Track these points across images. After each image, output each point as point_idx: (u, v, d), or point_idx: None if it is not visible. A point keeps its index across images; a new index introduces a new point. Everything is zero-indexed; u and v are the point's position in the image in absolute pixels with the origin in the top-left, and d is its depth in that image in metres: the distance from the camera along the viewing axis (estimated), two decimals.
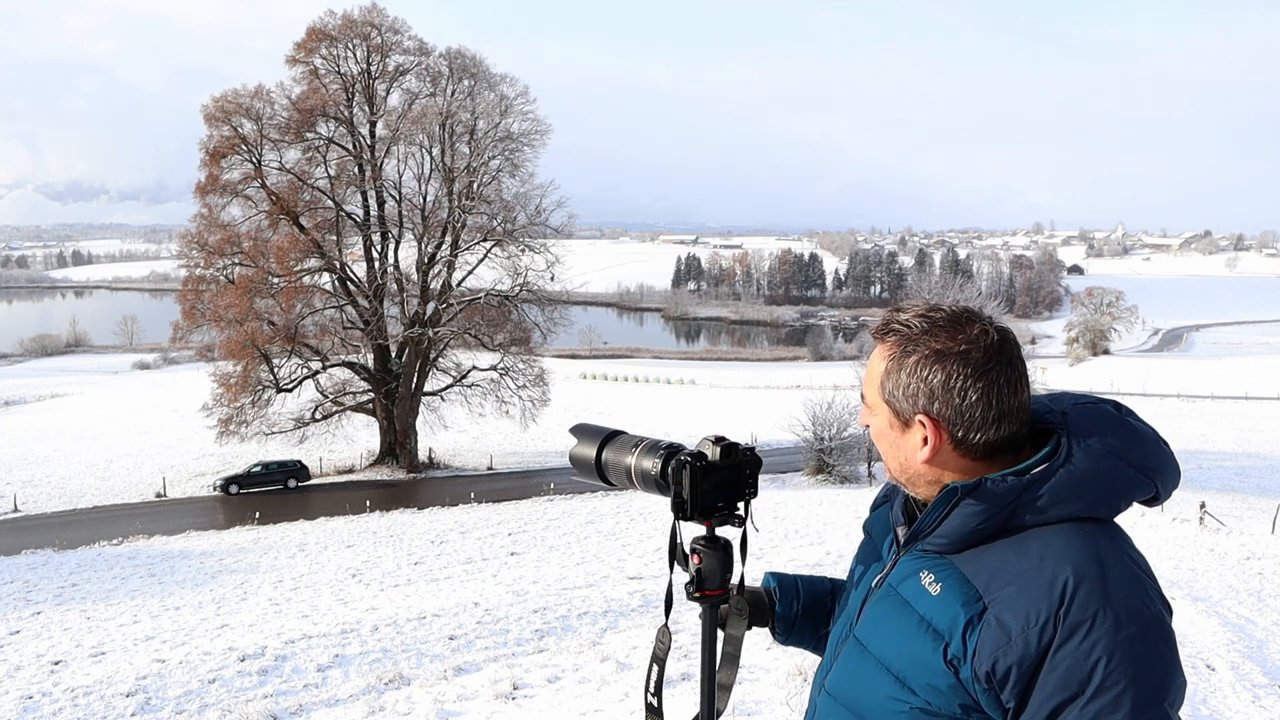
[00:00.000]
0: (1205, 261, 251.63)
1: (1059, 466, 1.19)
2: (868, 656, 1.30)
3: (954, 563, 1.23)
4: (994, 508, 1.19)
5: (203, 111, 33.90)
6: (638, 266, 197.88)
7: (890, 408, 1.27)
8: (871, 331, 1.32)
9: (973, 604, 1.17)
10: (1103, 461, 1.19)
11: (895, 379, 1.25)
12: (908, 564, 1.30)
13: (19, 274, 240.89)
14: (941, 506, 1.24)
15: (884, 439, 1.31)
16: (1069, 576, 1.11)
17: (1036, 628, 1.10)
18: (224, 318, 33.22)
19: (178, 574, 19.54)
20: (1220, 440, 41.51)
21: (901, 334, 1.25)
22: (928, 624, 1.21)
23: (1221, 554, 15.74)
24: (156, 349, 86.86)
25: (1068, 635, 1.09)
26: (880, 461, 9.31)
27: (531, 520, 24.67)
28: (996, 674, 1.13)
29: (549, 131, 37.19)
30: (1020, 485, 1.18)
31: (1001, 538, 1.20)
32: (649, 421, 43.39)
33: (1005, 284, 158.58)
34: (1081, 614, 1.08)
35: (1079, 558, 1.13)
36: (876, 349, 1.29)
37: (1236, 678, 7.01)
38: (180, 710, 8.11)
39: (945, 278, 77.38)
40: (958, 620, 1.17)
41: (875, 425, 1.31)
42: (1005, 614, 1.13)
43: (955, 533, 1.23)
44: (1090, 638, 1.08)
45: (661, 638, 1.44)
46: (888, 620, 1.28)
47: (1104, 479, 1.19)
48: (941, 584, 1.22)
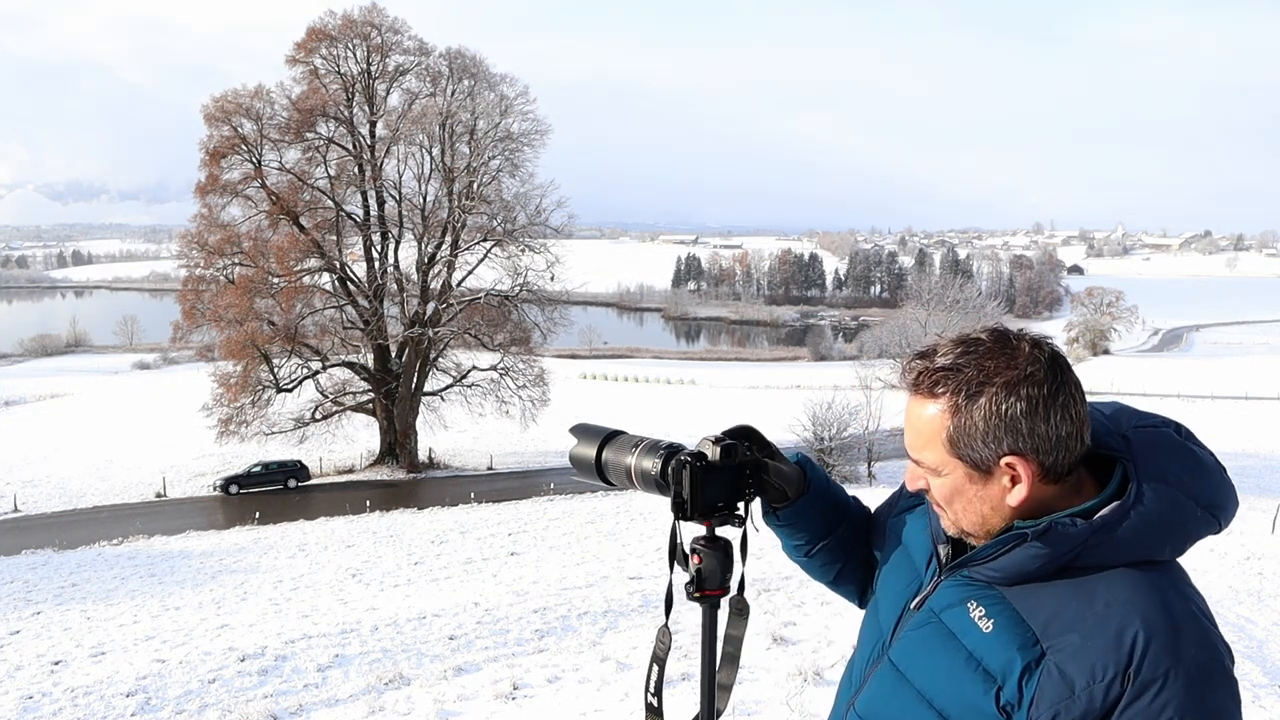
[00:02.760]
0: (1205, 261, 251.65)
1: (1129, 507, 1.11)
2: (905, 685, 1.24)
3: (1006, 597, 1.17)
4: (1059, 551, 1.12)
5: (203, 111, 33.91)
6: (638, 266, 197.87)
7: (966, 462, 1.16)
8: (909, 387, 1.19)
9: (1030, 648, 1.11)
10: (1173, 503, 1.12)
11: (968, 428, 1.13)
12: (952, 590, 1.24)
13: (19, 274, 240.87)
14: (1002, 545, 1.17)
15: (960, 497, 1.19)
16: (1139, 630, 1.05)
17: (1103, 684, 1.04)
18: (224, 318, 33.22)
19: (178, 574, 19.54)
20: (1220, 440, 41.41)
21: (955, 378, 1.14)
22: (978, 663, 1.15)
23: (1221, 554, 15.74)
24: (156, 349, 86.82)
25: (1138, 694, 1.03)
26: (880, 462, 9.33)
27: (531, 520, 24.66)
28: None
29: (549, 131, 37.24)
30: (1090, 529, 1.11)
31: (1060, 576, 1.14)
32: (649, 421, 43.37)
33: (1005, 284, 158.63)
34: (1153, 672, 1.03)
35: (1148, 608, 1.07)
36: (918, 403, 1.18)
37: (1237, 677, 7.01)
38: (180, 710, 8.11)
39: (945, 278, 77.40)
40: (1014, 664, 1.11)
41: (946, 485, 1.19)
42: (1068, 665, 1.07)
43: (1012, 569, 1.16)
44: (1161, 698, 1.03)
45: (662, 638, 1.42)
46: (931, 651, 1.22)
47: (1173, 524, 1.12)
48: (993, 620, 1.16)
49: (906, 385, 1.20)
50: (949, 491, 1.20)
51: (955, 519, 1.22)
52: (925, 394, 1.17)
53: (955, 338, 1.18)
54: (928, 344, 1.23)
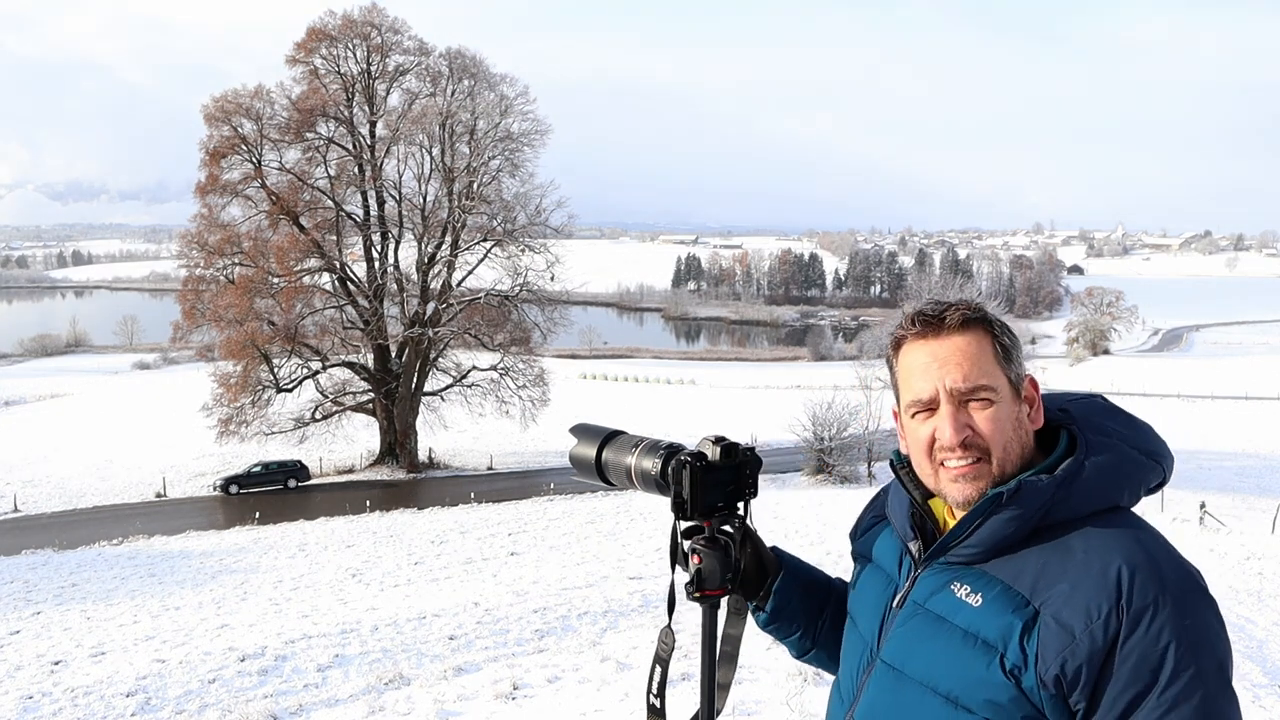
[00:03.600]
0: (1205, 261, 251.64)
1: (1085, 459, 1.20)
2: (904, 680, 1.25)
3: (987, 571, 1.21)
4: (1031, 509, 1.18)
5: (203, 111, 33.92)
6: (638, 266, 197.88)
7: (1012, 384, 1.25)
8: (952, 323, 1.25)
9: (1023, 609, 1.15)
10: (1120, 452, 1.22)
11: (1010, 345, 1.26)
12: (931, 579, 1.27)
13: (19, 274, 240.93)
14: (979, 515, 1.21)
15: (1010, 421, 1.24)
16: (1121, 565, 1.11)
17: (1101, 621, 1.09)
18: (224, 318, 33.23)
19: (178, 574, 19.54)
20: (1220, 440, 41.48)
21: (984, 313, 1.27)
22: (975, 637, 1.18)
23: (1221, 554, 15.75)
24: (156, 349, 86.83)
25: (1134, 623, 1.08)
26: (881, 462, 9.33)
27: (531, 520, 24.66)
28: (1066, 675, 1.10)
29: (549, 131, 37.24)
30: (1055, 481, 1.19)
31: (1033, 542, 1.19)
32: (649, 421, 43.36)
33: (1005, 284, 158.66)
34: (1144, 600, 1.08)
35: (1125, 546, 1.13)
36: (959, 340, 1.24)
37: (1236, 677, 7.01)
38: (180, 710, 8.11)
39: (945, 278, 77.49)
40: (1012, 628, 1.15)
41: (999, 412, 1.23)
42: (1063, 613, 1.12)
43: (989, 540, 1.20)
44: (1156, 622, 1.08)
45: (665, 639, 1.42)
46: (924, 640, 1.24)
47: (1125, 469, 1.21)
48: (981, 594, 1.19)
49: (948, 325, 1.25)
50: (1001, 418, 1.24)
51: (1002, 455, 1.23)
52: (968, 327, 1.25)
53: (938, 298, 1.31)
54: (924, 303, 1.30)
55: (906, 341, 1.29)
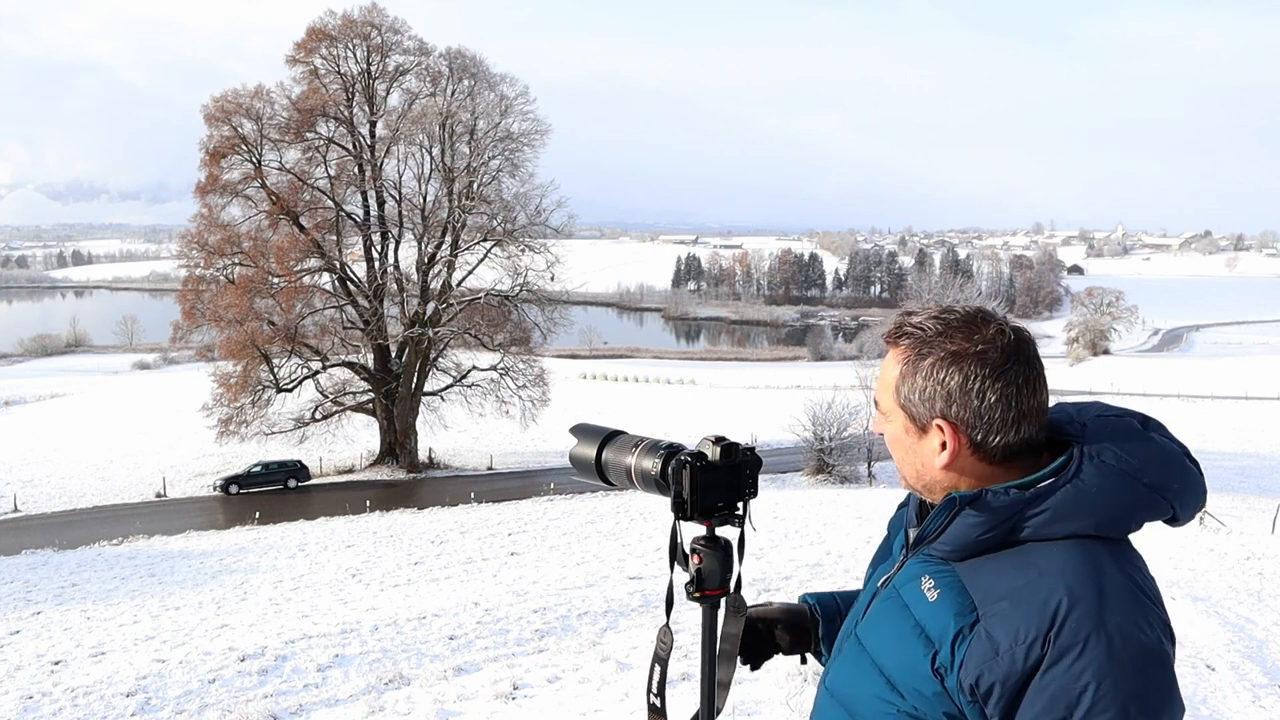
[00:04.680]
0: (1205, 261, 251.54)
1: (1066, 482, 1.15)
2: (864, 655, 1.29)
3: (956, 571, 1.22)
4: (994, 520, 1.16)
5: (203, 111, 33.92)
6: (638, 266, 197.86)
7: (906, 413, 1.24)
8: (884, 336, 1.29)
9: (966, 614, 1.15)
10: (1113, 479, 1.15)
11: (911, 383, 1.22)
12: (913, 567, 1.29)
13: (19, 274, 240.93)
14: (943, 515, 1.22)
15: (899, 445, 1.28)
16: (1063, 597, 1.08)
17: (1024, 645, 1.08)
18: (224, 318, 33.22)
19: (178, 574, 19.54)
20: (1220, 440, 41.49)
21: (915, 337, 1.22)
22: (921, 629, 1.20)
23: (1221, 554, 15.75)
24: (156, 349, 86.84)
25: (1057, 657, 1.06)
26: (881, 462, 9.39)
27: (531, 520, 24.67)
28: (980, 688, 1.11)
29: (549, 131, 37.23)
30: (1022, 500, 1.15)
31: (1006, 549, 1.18)
32: (649, 421, 43.36)
33: (1005, 284, 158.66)
34: (1073, 637, 1.06)
35: (1075, 577, 1.10)
36: (890, 354, 1.27)
37: (1236, 678, 7.02)
38: (180, 710, 8.11)
39: (945, 278, 77.43)
40: (948, 629, 1.16)
41: (890, 432, 1.28)
42: (995, 628, 1.11)
43: (957, 541, 1.21)
44: (1080, 662, 1.05)
45: (663, 638, 1.43)
46: (886, 621, 1.27)
47: (1111, 497, 1.15)
48: (940, 590, 1.21)
49: (889, 335, 1.29)
50: (892, 438, 1.29)
51: (898, 467, 1.32)
52: (892, 344, 1.27)
53: (940, 305, 1.26)
54: (917, 305, 1.32)
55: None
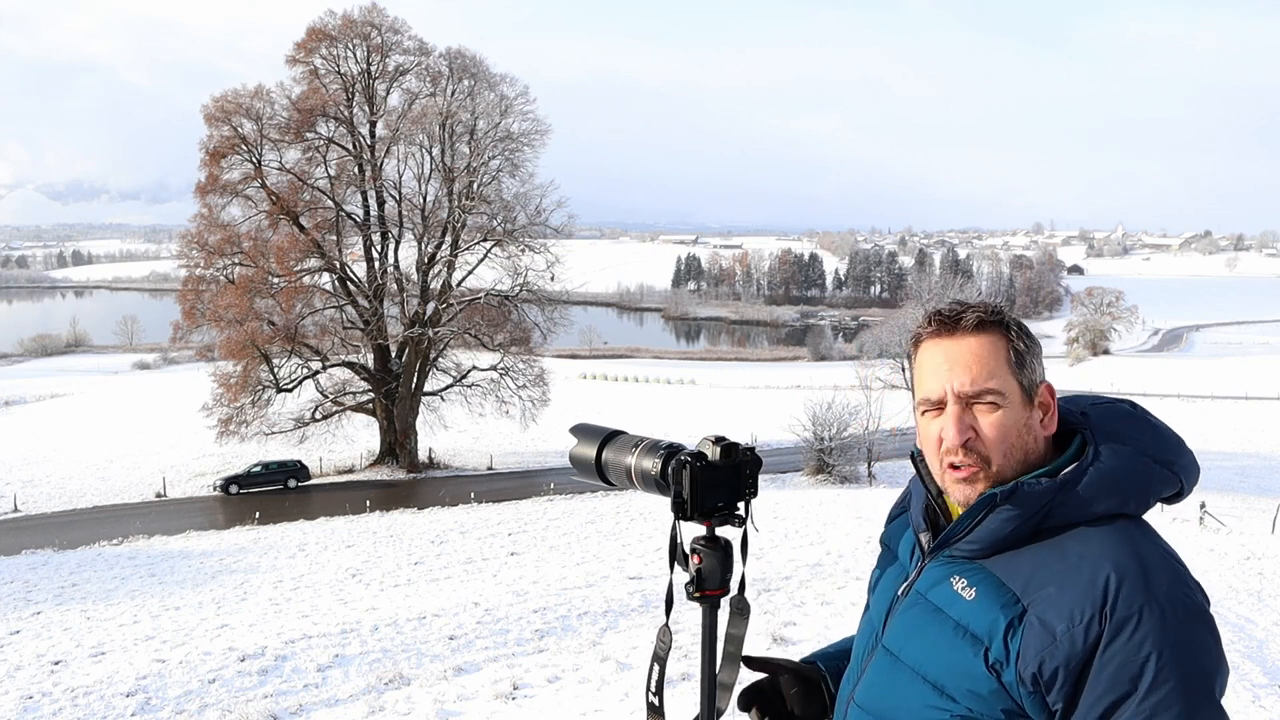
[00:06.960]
0: (1205, 261, 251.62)
1: (1089, 465, 1.21)
2: (900, 666, 1.29)
3: (985, 567, 1.23)
4: (1029, 511, 1.20)
5: (203, 111, 33.94)
6: (638, 266, 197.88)
7: (1021, 386, 1.25)
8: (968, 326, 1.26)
9: (1012, 606, 1.17)
10: (1130, 459, 1.22)
11: (1025, 350, 1.26)
12: (936, 570, 1.30)
13: (19, 274, 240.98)
14: (977, 512, 1.23)
15: (1015, 427, 1.25)
16: (1110, 573, 1.12)
17: (1082, 625, 1.10)
18: (224, 318, 33.23)
19: (178, 574, 19.54)
20: (1220, 440, 41.49)
21: (1003, 316, 1.28)
22: (964, 629, 1.21)
23: (1221, 554, 15.77)
24: (156, 349, 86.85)
25: (1116, 632, 1.09)
26: (881, 462, 9.33)
27: (531, 520, 24.67)
28: (1043, 675, 1.12)
29: (549, 131, 37.25)
30: (1055, 486, 1.20)
31: (1034, 541, 1.21)
32: (649, 421, 43.37)
33: (1005, 284, 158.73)
34: (1128, 609, 1.09)
35: (1118, 554, 1.14)
36: (973, 340, 1.26)
37: (1236, 678, 7.02)
38: (180, 710, 8.11)
39: (945, 278, 77.37)
40: (998, 624, 1.17)
41: (1005, 416, 1.24)
42: (1048, 614, 1.13)
43: (988, 538, 1.22)
44: (1139, 633, 1.08)
45: (662, 637, 1.43)
46: (920, 628, 1.28)
47: (1133, 476, 1.21)
48: (975, 588, 1.22)
49: (964, 326, 1.27)
50: (1006, 423, 1.24)
51: (1002, 461, 1.25)
52: (983, 330, 1.26)
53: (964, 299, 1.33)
54: (946, 303, 1.33)
55: (924, 340, 1.32)
